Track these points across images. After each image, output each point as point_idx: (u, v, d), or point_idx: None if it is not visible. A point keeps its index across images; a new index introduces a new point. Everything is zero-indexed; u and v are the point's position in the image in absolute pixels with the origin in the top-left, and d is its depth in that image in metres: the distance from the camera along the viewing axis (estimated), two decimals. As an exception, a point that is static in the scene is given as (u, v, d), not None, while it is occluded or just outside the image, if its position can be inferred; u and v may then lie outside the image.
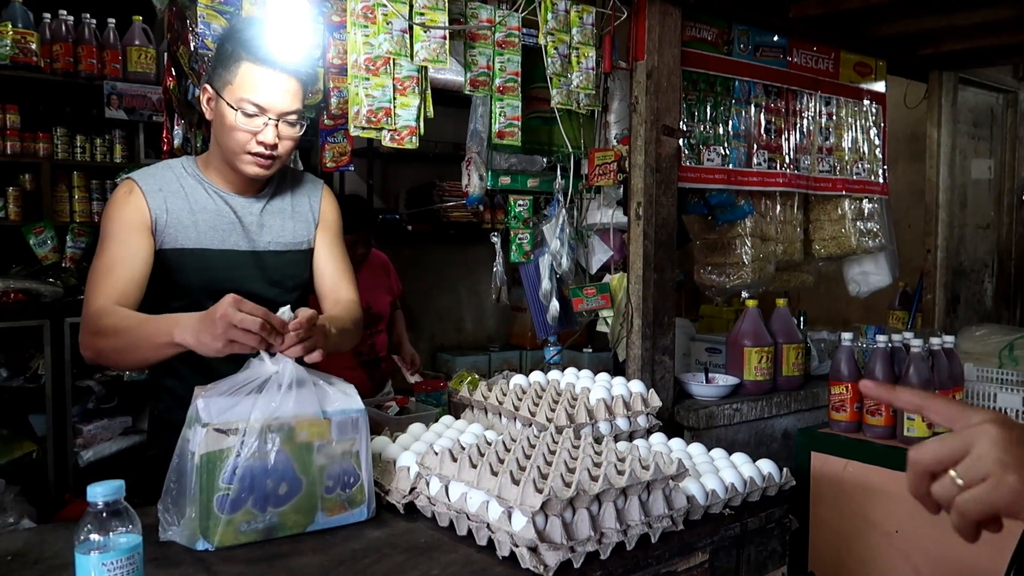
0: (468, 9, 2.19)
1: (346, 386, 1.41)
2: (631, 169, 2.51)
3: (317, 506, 1.34)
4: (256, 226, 1.72)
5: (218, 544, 1.27)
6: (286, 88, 1.58)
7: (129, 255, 1.59)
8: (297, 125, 1.63)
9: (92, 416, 3.62)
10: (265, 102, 1.56)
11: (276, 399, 1.30)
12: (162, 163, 1.75)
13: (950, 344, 2.23)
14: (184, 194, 1.67)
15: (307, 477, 1.33)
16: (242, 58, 1.55)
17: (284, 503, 1.32)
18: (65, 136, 3.70)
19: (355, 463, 1.38)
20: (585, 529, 1.26)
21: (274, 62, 1.56)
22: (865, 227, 3.26)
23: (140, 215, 1.62)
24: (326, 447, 1.35)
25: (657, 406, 1.82)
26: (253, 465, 1.28)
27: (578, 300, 2.57)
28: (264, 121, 1.57)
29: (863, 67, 3.31)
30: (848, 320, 4.13)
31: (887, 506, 2.16)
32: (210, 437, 1.26)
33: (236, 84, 1.55)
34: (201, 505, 1.26)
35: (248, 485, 1.28)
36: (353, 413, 1.38)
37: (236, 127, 1.57)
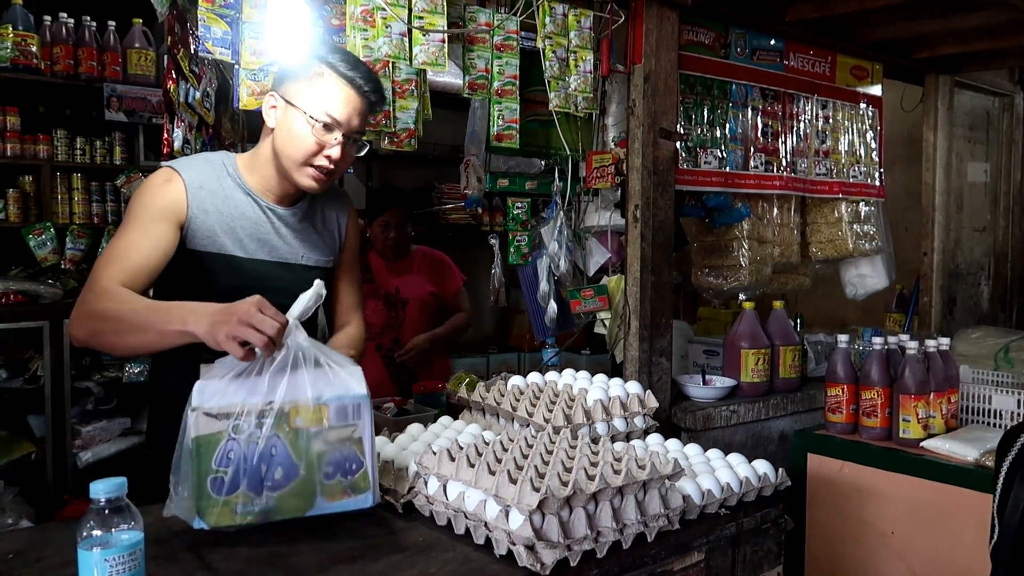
0: (467, 13, 2.20)
1: (354, 371, 1.34)
2: (629, 172, 2.53)
3: (316, 492, 1.31)
4: (291, 238, 1.74)
5: (214, 524, 1.26)
6: (361, 109, 1.64)
7: (149, 243, 1.56)
8: (360, 147, 1.68)
9: (91, 417, 3.63)
10: (342, 117, 1.60)
11: (273, 383, 1.28)
12: (202, 156, 1.73)
13: (945, 346, 2.25)
14: (224, 196, 1.66)
15: (303, 462, 1.30)
16: (326, 73, 1.60)
17: (280, 488, 1.29)
18: (65, 138, 3.72)
19: (358, 450, 1.32)
20: (582, 528, 1.27)
21: (357, 82, 1.61)
22: (862, 230, 3.28)
23: (175, 207, 1.60)
24: (323, 433, 1.30)
25: (654, 407, 1.83)
26: (246, 450, 1.26)
27: (576, 302, 2.59)
28: (336, 137, 1.61)
29: (860, 71, 3.33)
30: (845, 322, 4.14)
31: (883, 507, 2.17)
32: (201, 421, 1.26)
33: (316, 96, 1.59)
34: (195, 486, 1.26)
35: (242, 469, 1.27)
36: (353, 399, 1.32)
37: (307, 137, 1.60)
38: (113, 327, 1.44)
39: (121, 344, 1.46)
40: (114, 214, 3.79)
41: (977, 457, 2.02)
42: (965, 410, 2.32)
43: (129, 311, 1.43)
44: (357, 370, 1.33)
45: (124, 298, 1.46)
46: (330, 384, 1.31)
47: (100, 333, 1.46)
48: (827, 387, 2.35)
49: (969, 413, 2.32)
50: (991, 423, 2.27)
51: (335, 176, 1.68)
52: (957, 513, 2.03)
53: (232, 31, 1.87)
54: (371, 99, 1.65)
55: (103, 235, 3.65)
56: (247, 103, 1.91)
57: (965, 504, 2.01)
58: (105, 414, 3.67)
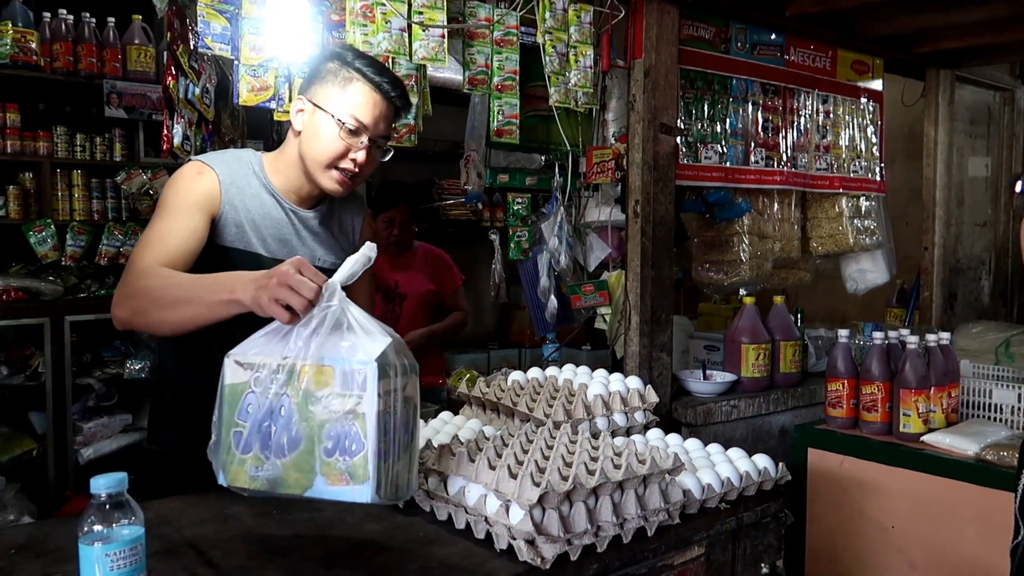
0: (466, 8, 2.20)
1: (379, 339, 1.20)
2: (629, 167, 2.53)
3: (316, 468, 1.19)
4: (310, 240, 1.76)
5: (230, 483, 1.22)
6: (387, 115, 1.66)
7: (187, 231, 1.57)
8: (384, 151, 1.70)
9: (92, 414, 3.63)
10: (369, 121, 1.62)
11: (297, 341, 1.20)
12: (231, 153, 1.74)
13: (946, 341, 2.25)
14: (251, 194, 1.68)
15: (307, 430, 1.20)
16: (356, 78, 1.61)
17: (285, 455, 1.20)
18: (65, 135, 3.71)
19: (359, 427, 1.17)
20: (582, 522, 1.27)
21: (384, 87, 1.63)
22: (862, 225, 3.27)
23: (209, 199, 1.62)
24: (327, 399, 1.18)
25: (654, 402, 1.83)
26: (261, 405, 1.20)
27: (576, 297, 2.59)
28: (362, 141, 1.63)
29: (860, 65, 3.32)
30: (846, 317, 4.14)
31: (883, 501, 2.17)
32: (230, 368, 1.23)
33: (344, 100, 1.61)
34: (222, 437, 1.23)
35: (256, 426, 1.21)
36: (359, 364, 1.16)
37: (334, 140, 1.62)
38: (157, 303, 1.42)
39: (167, 320, 1.43)
40: (114, 210, 3.79)
41: (977, 451, 2.02)
42: (966, 404, 2.32)
43: (174, 285, 1.41)
44: (385, 340, 1.19)
45: (166, 275, 1.45)
46: (350, 345, 1.20)
47: (143, 311, 1.44)
48: (827, 382, 2.35)
49: (970, 407, 2.32)
50: (992, 417, 2.27)
51: (359, 180, 1.70)
52: (957, 507, 2.03)
53: (231, 27, 1.87)
54: (397, 104, 1.67)
55: (103, 232, 3.65)
56: (247, 99, 1.92)
57: (965, 498, 2.01)
58: (106, 410, 3.67)
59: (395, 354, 1.20)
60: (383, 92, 1.63)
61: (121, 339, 3.82)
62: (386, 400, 1.17)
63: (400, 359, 1.21)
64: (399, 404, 1.20)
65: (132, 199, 3.80)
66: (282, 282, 1.22)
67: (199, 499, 1.53)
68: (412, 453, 1.24)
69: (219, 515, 1.44)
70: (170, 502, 1.51)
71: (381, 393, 1.15)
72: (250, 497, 1.52)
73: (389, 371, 1.17)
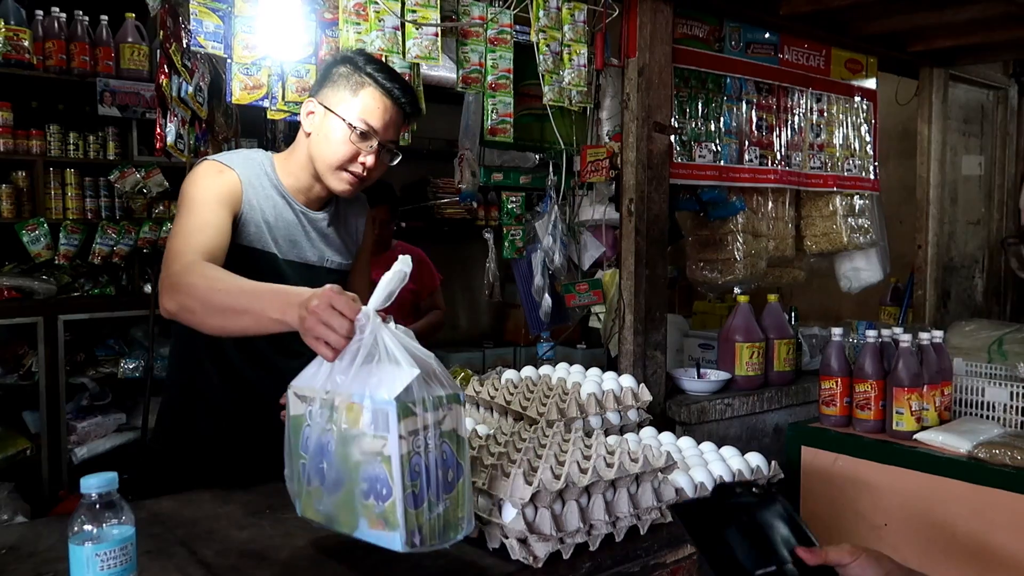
0: (460, 6, 2.20)
1: (410, 370, 1.10)
2: (623, 166, 2.53)
3: (358, 510, 1.13)
4: (318, 242, 1.78)
5: (302, 514, 1.22)
6: (397, 121, 1.68)
7: (220, 225, 1.57)
8: (393, 156, 1.71)
9: (86, 413, 3.62)
10: (379, 126, 1.64)
11: (338, 371, 1.15)
12: (244, 153, 1.74)
13: (939, 339, 2.26)
14: (266, 195, 1.70)
15: (347, 470, 1.14)
16: (367, 80, 1.64)
17: (334, 492, 1.16)
18: (58, 133, 3.70)
19: (387, 472, 1.08)
20: (574, 521, 1.27)
21: (395, 94, 1.65)
22: (856, 223, 3.28)
23: (233, 198, 1.63)
24: (360, 439, 1.12)
25: (647, 400, 1.83)
26: (319, 439, 1.17)
27: (570, 296, 2.59)
28: (371, 145, 1.65)
29: (854, 64, 3.33)
30: (840, 316, 4.15)
31: (876, 499, 2.18)
32: (292, 400, 1.22)
33: (355, 105, 1.63)
34: (293, 467, 1.22)
35: (315, 460, 1.17)
36: (381, 404, 1.09)
37: (344, 143, 1.64)
38: (205, 305, 1.39)
39: (215, 325, 1.41)
40: (107, 209, 3.78)
41: (970, 449, 2.03)
42: (958, 402, 2.33)
43: (222, 290, 1.38)
44: (411, 372, 1.10)
45: (212, 275, 1.42)
46: (382, 379, 1.12)
47: (191, 310, 1.41)
48: (821, 380, 2.36)
49: (962, 405, 2.33)
50: (984, 415, 2.28)
51: (367, 183, 1.72)
52: (950, 505, 2.04)
53: (224, 25, 1.87)
54: (407, 110, 1.69)
55: (97, 230, 3.64)
56: (240, 97, 1.91)
57: (958, 496, 2.02)
58: (100, 410, 3.67)
59: (425, 386, 1.11)
60: (394, 98, 1.65)
61: (115, 338, 3.82)
62: (412, 441, 1.08)
63: (432, 390, 1.11)
64: (433, 441, 1.10)
65: (126, 198, 3.79)
66: (317, 319, 1.17)
67: (192, 498, 1.53)
68: (462, 490, 1.14)
69: (212, 514, 1.44)
70: (163, 501, 1.51)
71: (404, 434, 1.07)
72: (243, 497, 1.53)
73: (415, 408, 1.09)
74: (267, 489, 1.58)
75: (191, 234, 1.52)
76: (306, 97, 1.74)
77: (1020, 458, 1.94)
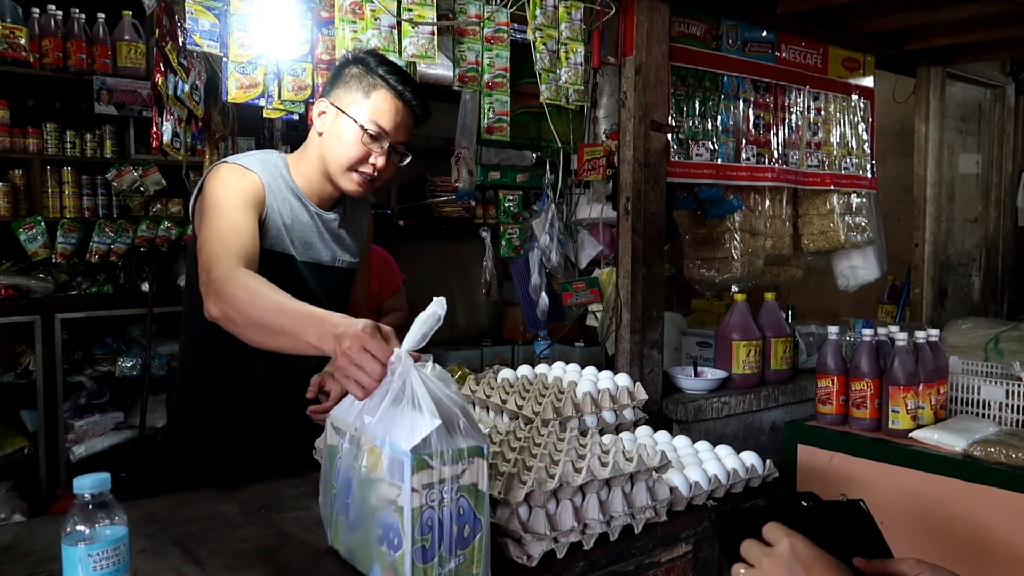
0: (456, 5, 2.19)
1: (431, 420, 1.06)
2: (620, 164, 2.53)
3: (372, 554, 1.11)
4: (330, 242, 1.81)
5: (331, 541, 1.24)
6: (408, 123, 1.70)
7: (251, 229, 1.57)
8: (403, 157, 1.73)
9: (84, 412, 3.62)
10: (391, 128, 1.66)
11: (373, 411, 1.13)
12: (260, 155, 1.73)
13: (935, 337, 2.26)
14: (283, 197, 1.71)
15: (365, 511, 1.12)
16: (380, 85, 1.65)
17: (355, 531, 1.15)
18: (55, 131, 3.69)
19: (400, 522, 1.06)
20: (569, 520, 1.28)
21: (406, 96, 1.66)
22: (853, 222, 3.28)
23: (258, 200, 1.64)
24: (378, 485, 1.10)
25: (643, 399, 1.84)
26: (346, 474, 1.16)
27: (567, 295, 2.59)
28: (383, 146, 1.67)
29: (851, 62, 3.32)
30: (838, 314, 4.15)
31: (872, 498, 2.16)
32: (330, 429, 1.23)
33: (367, 106, 1.64)
34: (328, 495, 1.23)
35: (343, 494, 1.17)
36: (399, 453, 1.06)
37: (355, 144, 1.65)
38: (245, 319, 1.39)
39: (255, 340, 1.40)
40: (105, 207, 3.77)
41: (965, 447, 2.03)
42: (954, 400, 2.33)
43: (261, 307, 1.37)
44: (432, 423, 1.06)
45: (253, 288, 1.40)
46: (394, 428, 1.09)
47: (233, 321, 1.41)
48: (817, 378, 2.36)
49: (958, 404, 2.33)
50: (980, 414, 2.28)
51: (377, 183, 1.74)
52: (946, 503, 2.04)
53: (220, 23, 1.87)
54: (417, 112, 1.71)
55: (94, 229, 3.64)
56: (236, 96, 1.91)
57: (954, 494, 2.02)
58: (98, 408, 3.67)
59: (447, 438, 1.08)
60: (405, 100, 1.66)
61: (112, 337, 3.82)
62: (426, 494, 1.06)
63: (454, 442, 1.08)
64: (449, 495, 1.08)
65: (123, 196, 3.78)
66: (350, 360, 1.16)
67: (187, 498, 1.53)
68: (479, 545, 1.12)
69: (206, 514, 1.44)
70: (158, 501, 1.51)
71: (418, 487, 1.05)
72: (238, 496, 1.53)
73: (431, 461, 1.06)
74: (263, 489, 1.58)
75: (226, 236, 1.52)
76: (319, 97, 1.75)
77: (1015, 456, 1.95)
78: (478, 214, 4.87)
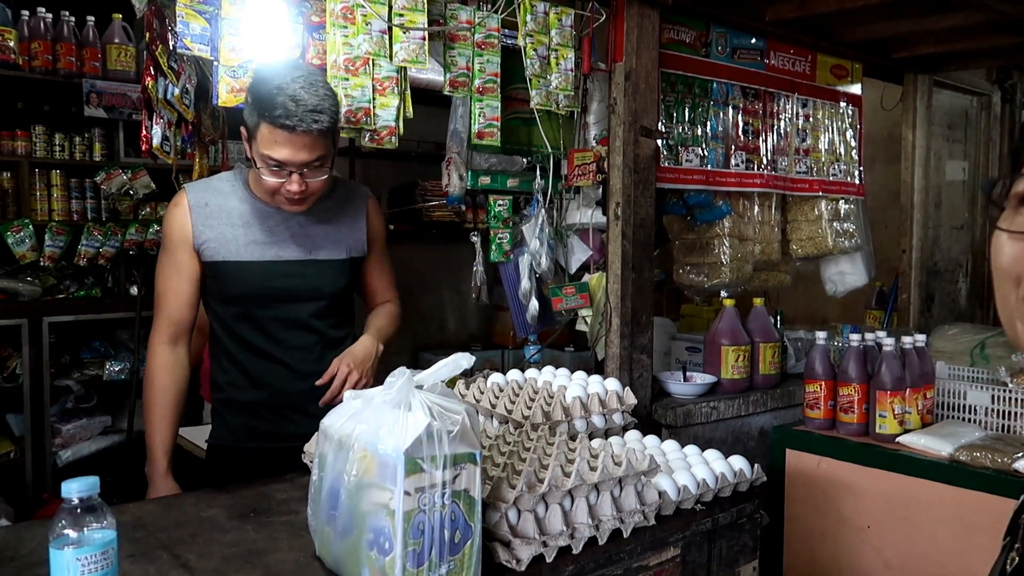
0: (448, 10, 2.20)
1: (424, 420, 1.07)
2: (610, 169, 2.54)
3: (362, 560, 1.10)
4: (300, 237, 1.81)
5: (318, 551, 1.24)
6: (303, 143, 1.63)
7: (178, 277, 1.77)
8: (324, 168, 1.70)
9: (71, 416, 3.60)
10: (285, 159, 1.64)
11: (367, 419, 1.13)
12: (219, 175, 1.87)
13: (921, 343, 2.28)
14: (230, 209, 1.77)
15: (356, 517, 1.12)
16: (261, 118, 1.62)
17: (344, 539, 1.14)
18: (44, 134, 3.68)
19: (391, 526, 1.06)
20: (557, 524, 1.28)
21: (288, 124, 1.60)
22: (841, 228, 3.31)
23: (183, 231, 1.75)
24: (369, 489, 1.10)
25: (632, 404, 1.84)
26: (332, 484, 1.16)
27: (557, 299, 2.59)
28: (287, 172, 1.65)
29: (839, 70, 3.35)
30: (826, 319, 4.17)
31: (859, 502, 2.20)
32: (322, 435, 1.23)
33: (259, 141, 1.65)
34: (315, 503, 1.23)
35: (328, 504, 1.16)
36: (391, 456, 1.06)
37: (265, 174, 1.66)
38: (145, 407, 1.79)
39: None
40: (94, 211, 3.76)
41: (952, 452, 2.05)
42: (941, 406, 2.35)
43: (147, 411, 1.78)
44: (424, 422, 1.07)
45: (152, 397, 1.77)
46: (382, 432, 1.09)
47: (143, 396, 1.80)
48: (805, 383, 2.37)
49: (945, 408, 2.35)
50: (966, 419, 2.30)
51: (315, 196, 1.74)
52: (932, 507, 2.06)
53: (211, 27, 1.86)
54: (314, 129, 1.62)
55: (83, 232, 3.63)
56: (226, 100, 1.90)
57: (940, 498, 2.04)
58: (85, 412, 3.65)
59: (440, 443, 1.07)
60: (287, 129, 1.60)
61: (100, 340, 3.80)
62: (418, 498, 1.05)
63: (448, 448, 1.07)
64: (442, 500, 1.07)
65: (112, 199, 3.77)
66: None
67: (175, 502, 1.53)
68: (469, 552, 1.11)
69: (195, 518, 1.44)
70: (146, 505, 1.51)
71: (410, 491, 1.04)
72: (227, 499, 1.53)
73: (423, 465, 1.05)
74: (251, 493, 1.58)
75: (160, 309, 1.79)
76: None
77: (1001, 461, 1.96)
78: (468, 219, 4.88)
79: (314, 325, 1.82)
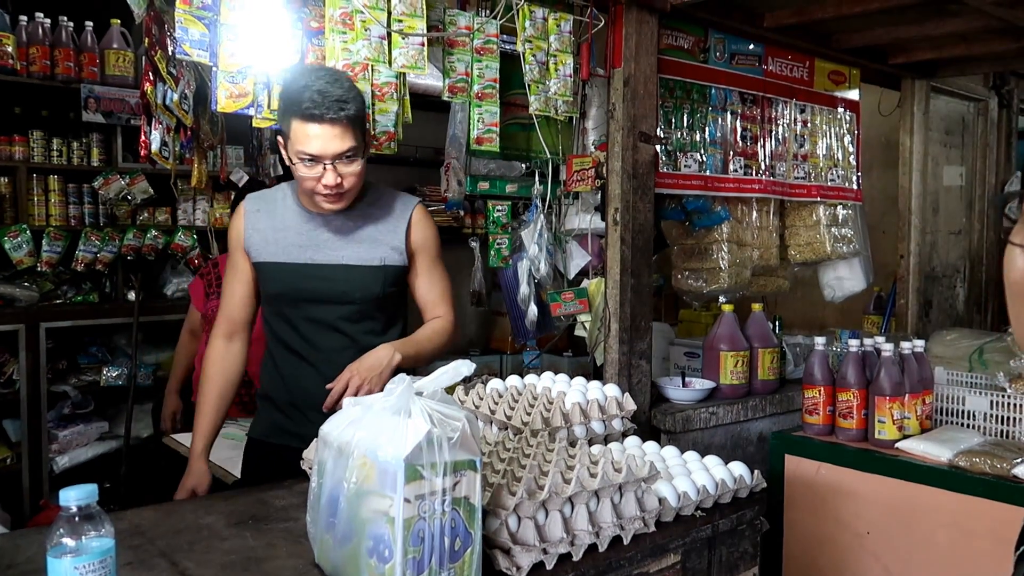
0: (446, 16, 2.21)
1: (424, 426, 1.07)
2: (608, 175, 2.54)
3: (361, 567, 1.10)
4: (333, 242, 1.85)
5: (317, 559, 1.23)
6: (334, 134, 1.69)
7: (239, 277, 1.91)
8: (356, 160, 1.75)
9: (68, 421, 3.59)
10: (317, 151, 1.70)
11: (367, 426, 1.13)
12: (278, 186, 1.98)
13: (920, 348, 2.28)
14: (277, 214, 1.88)
15: (356, 524, 1.11)
16: (291, 115, 1.69)
17: (343, 546, 1.14)
18: (42, 139, 3.67)
19: (391, 533, 1.05)
20: (557, 531, 1.28)
21: (316, 114, 1.66)
22: (839, 233, 3.31)
23: (237, 235, 1.89)
24: (371, 496, 1.09)
25: (632, 410, 1.84)
26: (332, 492, 1.15)
27: (556, 305, 2.59)
28: (322, 167, 1.71)
29: (837, 75, 3.36)
30: (824, 324, 4.17)
31: (859, 508, 2.19)
32: (321, 441, 1.23)
33: (292, 139, 1.71)
34: (314, 510, 1.23)
35: (328, 511, 1.16)
36: (391, 463, 1.06)
37: (301, 172, 1.73)
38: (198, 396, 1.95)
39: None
40: (91, 216, 3.75)
41: (951, 458, 2.05)
42: (939, 411, 2.35)
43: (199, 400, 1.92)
44: (423, 428, 1.07)
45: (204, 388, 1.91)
46: (382, 439, 1.09)
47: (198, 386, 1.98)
48: (804, 389, 2.37)
49: (943, 414, 2.35)
50: (965, 424, 2.30)
51: (353, 191, 1.79)
52: (931, 513, 2.06)
53: (210, 33, 1.87)
54: (343, 117, 1.68)
55: (80, 237, 3.62)
56: (225, 105, 1.91)
57: (939, 504, 2.03)
58: (82, 418, 3.63)
59: (440, 450, 1.07)
60: (317, 118, 1.67)
61: (97, 346, 3.79)
62: (418, 505, 1.05)
63: (448, 455, 1.07)
64: (442, 507, 1.07)
65: (110, 204, 3.77)
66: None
67: (173, 509, 1.52)
68: (470, 560, 1.11)
69: (193, 525, 1.43)
70: (143, 512, 1.50)
71: (410, 498, 1.04)
72: (225, 506, 1.53)
73: (423, 472, 1.05)
74: (249, 499, 1.57)
75: (223, 308, 1.95)
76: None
77: (1000, 466, 1.96)
78: (467, 224, 4.87)
79: (344, 329, 1.85)
